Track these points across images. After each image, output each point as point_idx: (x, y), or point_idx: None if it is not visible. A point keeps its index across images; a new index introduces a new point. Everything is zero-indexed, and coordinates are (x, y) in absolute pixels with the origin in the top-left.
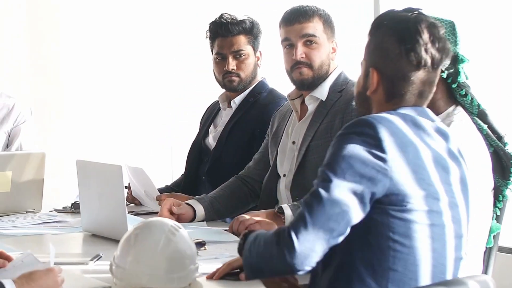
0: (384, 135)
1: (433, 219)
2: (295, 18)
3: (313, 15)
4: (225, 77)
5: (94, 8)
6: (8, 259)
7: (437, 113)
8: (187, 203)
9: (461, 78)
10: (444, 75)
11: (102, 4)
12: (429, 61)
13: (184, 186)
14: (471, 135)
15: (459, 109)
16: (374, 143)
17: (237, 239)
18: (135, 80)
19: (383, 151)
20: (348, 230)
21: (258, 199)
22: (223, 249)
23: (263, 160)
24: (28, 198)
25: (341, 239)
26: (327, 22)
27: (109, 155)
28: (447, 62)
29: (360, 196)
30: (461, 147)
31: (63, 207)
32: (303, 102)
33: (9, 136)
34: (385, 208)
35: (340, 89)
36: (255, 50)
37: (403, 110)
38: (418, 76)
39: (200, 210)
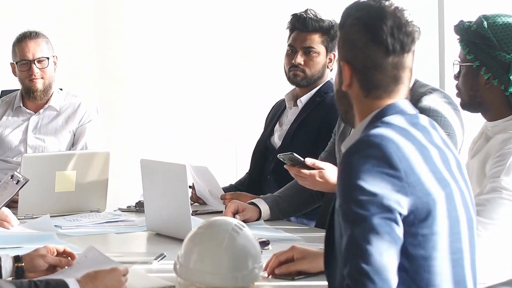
0: (391, 150)
1: (451, 219)
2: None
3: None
4: (290, 70)
5: (158, 10)
6: (71, 256)
7: (495, 119)
8: (252, 202)
9: None
10: (495, 82)
11: (166, 5)
12: (397, 46)
13: (249, 185)
14: None
15: None
16: (385, 163)
17: (301, 238)
18: (199, 79)
19: (396, 168)
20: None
21: (324, 198)
22: (287, 248)
23: (330, 159)
24: (92, 198)
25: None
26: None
27: (173, 155)
28: (498, 69)
29: (393, 222)
30: None
31: (127, 206)
32: None
33: (74, 135)
34: (409, 229)
35: None
36: (328, 51)
37: (393, 120)
38: (389, 62)
39: (265, 209)
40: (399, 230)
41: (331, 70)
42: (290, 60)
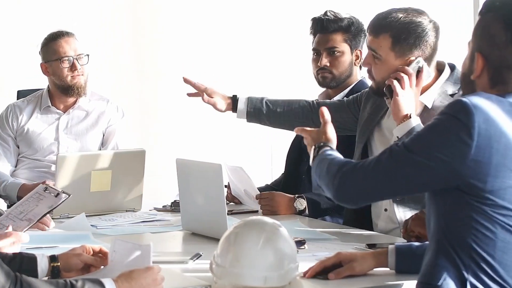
0: (477, 122)
1: None
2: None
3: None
4: (318, 73)
5: (192, 8)
6: (107, 255)
7: None
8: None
9: None
10: None
11: (200, 4)
12: None
13: (284, 185)
14: None
15: None
16: (464, 129)
17: (336, 238)
18: (234, 79)
19: (471, 137)
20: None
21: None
22: (323, 247)
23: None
24: (128, 197)
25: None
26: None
27: (208, 154)
28: None
29: (426, 174)
30: None
31: (163, 206)
32: None
33: (104, 135)
34: (466, 197)
35: None
36: (352, 48)
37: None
38: None
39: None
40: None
41: (360, 68)
42: (316, 64)
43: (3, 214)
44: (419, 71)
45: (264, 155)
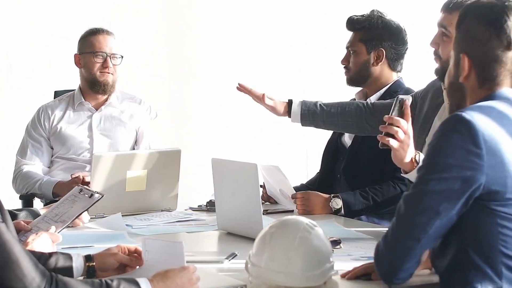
0: (479, 129)
1: None
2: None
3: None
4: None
5: (228, 10)
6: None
7: None
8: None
9: None
10: None
11: (236, 5)
12: None
13: (320, 184)
14: None
15: None
16: (470, 139)
17: (372, 237)
18: (269, 79)
19: (478, 147)
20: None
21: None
22: (358, 247)
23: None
24: (163, 197)
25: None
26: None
27: (243, 154)
28: None
29: (456, 195)
30: None
31: (198, 206)
32: None
33: (137, 133)
34: (487, 204)
35: None
36: (368, 48)
37: (494, 104)
38: (509, 56)
39: (296, 103)
40: (457, 205)
41: (392, 69)
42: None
43: (39, 216)
44: (402, 106)
45: (299, 154)
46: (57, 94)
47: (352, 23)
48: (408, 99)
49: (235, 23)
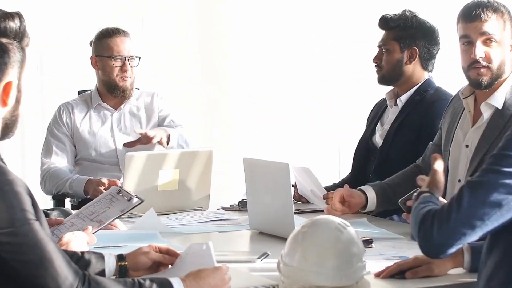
0: None
1: None
2: (475, 15)
3: (493, 12)
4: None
5: (261, 10)
6: (175, 255)
7: None
8: (360, 189)
9: None
10: None
11: (269, 6)
12: None
13: (351, 184)
14: None
15: None
16: None
17: (404, 237)
18: (301, 79)
19: None
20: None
21: None
22: (390, 247)
23: (437, 151)
24: (195, 196)
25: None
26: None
27: (276, 154)
28: None
29: None
30: None
31: (230, 205)
32: (475, 101)
33: (158, 125)
34: None
35: None
36: (402, 46)
37: None
38: None
39: (372, 196)
40: None
41: (424, 68)
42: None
43: (72, 213)
44: None
45: (331, 154)
46: (81, 94)
47: (386, 21)
48: None
49: (268, 23)
